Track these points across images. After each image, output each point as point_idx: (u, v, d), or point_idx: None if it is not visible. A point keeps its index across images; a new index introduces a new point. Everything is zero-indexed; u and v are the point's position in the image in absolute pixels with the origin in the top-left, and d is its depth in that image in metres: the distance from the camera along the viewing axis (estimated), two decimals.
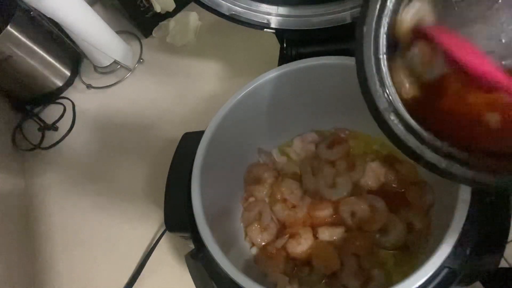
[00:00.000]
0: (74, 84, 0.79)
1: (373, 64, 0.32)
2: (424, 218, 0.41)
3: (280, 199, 0.47)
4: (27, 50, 0.71)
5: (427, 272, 0.29)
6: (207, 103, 0.67)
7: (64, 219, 0.65)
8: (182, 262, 0.44)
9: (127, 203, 0.62)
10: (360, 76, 0.32)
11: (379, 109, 0.31)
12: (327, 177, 0.46)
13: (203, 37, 0.76)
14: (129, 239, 0.59)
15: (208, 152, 0.40)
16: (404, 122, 0.31)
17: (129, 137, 0.69)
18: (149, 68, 0.76)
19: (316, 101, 0.47)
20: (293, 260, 0.43)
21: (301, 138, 0.51)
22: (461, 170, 0.28)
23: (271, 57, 0.51)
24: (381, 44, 0.32)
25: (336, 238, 0.43)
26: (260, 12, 0.47)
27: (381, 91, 0.31)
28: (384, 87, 0.31)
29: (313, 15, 0.46)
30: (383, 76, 0.31)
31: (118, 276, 0.56)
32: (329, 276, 0.41)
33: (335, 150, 0.48)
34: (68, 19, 0.65)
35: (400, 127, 0.31)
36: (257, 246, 0.45)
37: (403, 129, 0.31)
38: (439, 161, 0.29)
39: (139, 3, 0.72)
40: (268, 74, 0.43)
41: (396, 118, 0.31)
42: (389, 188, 0.45)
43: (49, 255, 0.62)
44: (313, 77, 0.44)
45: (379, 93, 0.31)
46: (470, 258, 0.31)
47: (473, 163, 0.28)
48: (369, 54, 0.32)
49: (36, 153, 0.73)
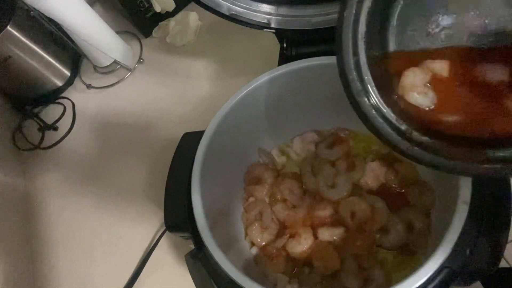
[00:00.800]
0: (74, 84, 0.79)
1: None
2: (424, 218, 0.41)
3: (280, 199, 0.47)
4: (27, 50, 0.71)
5: (427, 272, 0.29)
6: (207, 103, 0.67)
7: (64, 219, 0.65)
8: (182, 262, 0.44)
9: (127, 203, 0.62)
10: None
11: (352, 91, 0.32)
12: (327, 177, 0.46)
13: (203, 37, 0.76)
14: (129, 239, 0.59)
15: (208, 152, 0.40)
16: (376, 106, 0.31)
17: (129, 137, 0.69)
18: (149, 68, 0.76)
19: (316, 101, 0.47)
20: (293, 260, 0.43)
21: (301, 138, 0.51)
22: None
23: (271, 57, 0.51)
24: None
25: (336, 238, 0.43)
26: (260, 12, 0.47)
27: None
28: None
29: (313, 15, 0.46)
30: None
31: (118, 276, 0.56)
32: (329, 276, 0.41)
33: (335, 150, 0.48)
34: (68, 19, 0.65)
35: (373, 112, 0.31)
36: (257, 246, 0.45)
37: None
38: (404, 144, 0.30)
39: (139, 3, 0.72)
40: (268, 74, 0.43)
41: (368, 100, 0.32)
42: (389, 188, 0.45)
43: (49, 255, 0.62)
44: (313, 77, 0.44)
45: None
46: (470, 258, 0.31)
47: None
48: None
49: (36, 153, 0.73)
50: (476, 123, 0.29)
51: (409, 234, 0.41)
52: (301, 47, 0.48)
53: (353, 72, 0.32)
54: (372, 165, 0.45)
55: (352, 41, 0.32)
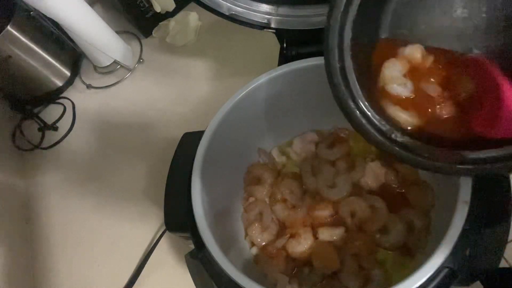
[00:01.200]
0: (74, 84, 0.79)
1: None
2: (424, 218, 0.41)
3: (280, 199, 0.47)
4: (27, 50, 0.71)
5: (427, 272, 0.29)
6: (207, 103, 0.67)
7: (64, 219, 0.65)
8: (182, 262, 0.44)
9: (127, 203, 0.62)
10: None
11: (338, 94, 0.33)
12: (327, 177, 0.46)
13: (203, 37, 0.76)
14: (129, 239, 0.59)
15: (208, 152, 0.40)
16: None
17: (129, 137, 0.69)
18: (149, 68, 0.76)
19: (316, 101, 0.47)
20: (293, 260, 0.43)
21: (301, 138, 0.51)
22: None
23: (271, 57, 0.51)
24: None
25: (336, 238, 0.43)
26: (260, 12, 0.47)
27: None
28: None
29: (313, 15, 0.46)
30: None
31: (118, 276, 0.56)
32: (329, 276, 0.41)
33: (335, 150, 0.48)
34: (68, 19, 0.65)
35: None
36: (257, 246, 0.45)
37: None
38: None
39: (139, 3, 0.72)
40: (268, 74, 0.43)
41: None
42: (389, 188, 0.45)
43: (49, 255, 0.62)
44: (313, 77, 0.44)
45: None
46: (470, 258, 0.31)
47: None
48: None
49: (36, 153, 0.73)
50: (447, 124, 0.31)
51: (409, 234, 0.41)
52: (301, 47, 0.48)
53: (339, 77, 0.33)
54: (372, 165, 0.45)
55: (338, 48, 0.33)
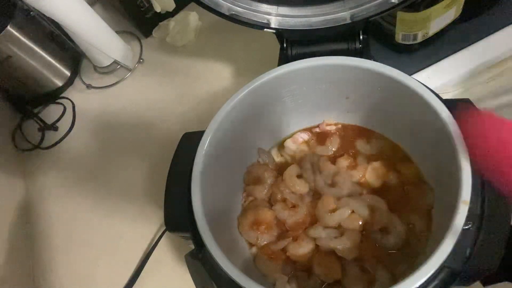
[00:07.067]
0: (74, 84, 0.80)
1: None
2: (424, 218, 0.41)
3: (280, 199, 0.47)
4: (27, 50, 0.71)
5: (427, 272, 0.29)
6: (207, 103, 0.67)
7: (64, 219, 0.65)
8: (182, 262, 0.44)
9: (127, 203, 0.62)
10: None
11: None
12: (327, 176, 0.46)
13: (203, 37, 0.76)
14: (129, 239, 0.59)
15: (208, 152, 0.40)
16: None
17: (129, 137, 0.69)
18: (149, 68, 0.76)
19: (316, 101, 0.47)
20: (293, 263, 0.43)
21: (292, 139, 0.50)
22: None
23: (271, 57, 0.51)
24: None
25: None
26: (260, 12, 0.47)
27: None
28: None
29: (313, 15, 0.46)
30: None
31: (118, 276, 0.56)
32: (330, 283, 0.41)
33: (328, 144, 0.48)
34: (68, 19, 0.65)
35: None
36: (257, 247, 0.45)
37: None
38: None
39: (139, 3, 0.73)
40: (268, 74, 0.43)
41: None
42: (390, 188, 0.45)
43: (49, 255, 0.62)
44: (313, 77, 0.44)
45: None
46: (470, 258, 0.31)
47: None
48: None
49: (36, 153, 0.73)
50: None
51: (410, 234, 0.41)
52: (301, 47, 0.48)
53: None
54: (374, 165, 0.45)
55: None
